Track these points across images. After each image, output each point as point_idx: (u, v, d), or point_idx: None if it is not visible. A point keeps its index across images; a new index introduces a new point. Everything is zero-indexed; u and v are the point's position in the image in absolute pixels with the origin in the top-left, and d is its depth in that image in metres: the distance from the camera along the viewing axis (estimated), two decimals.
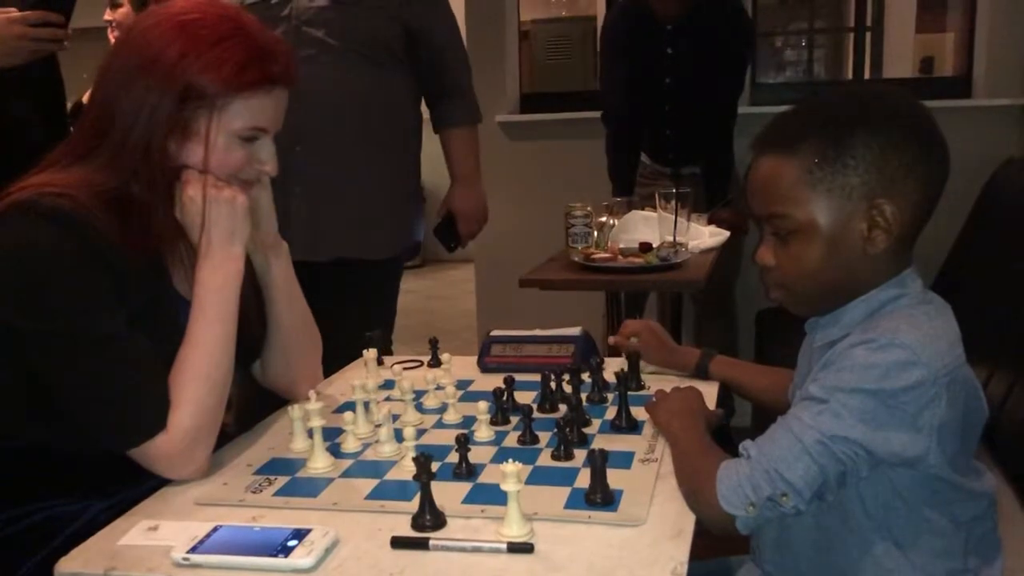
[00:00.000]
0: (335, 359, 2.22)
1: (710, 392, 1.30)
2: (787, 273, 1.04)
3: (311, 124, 2.06)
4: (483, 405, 1.19)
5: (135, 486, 1.11)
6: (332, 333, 2.21)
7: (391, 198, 2.21)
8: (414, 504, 0.96)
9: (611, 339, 1.48)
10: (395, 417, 1.21)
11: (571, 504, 0.98)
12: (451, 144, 2.31)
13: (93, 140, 1.17)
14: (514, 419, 1.23)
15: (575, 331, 1.49)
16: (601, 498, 0.97)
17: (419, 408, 1.30)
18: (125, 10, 3.26)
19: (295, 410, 1.17)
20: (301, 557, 0.88)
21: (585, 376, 1.34)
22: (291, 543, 0.90)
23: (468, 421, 1.24)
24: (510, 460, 0.90)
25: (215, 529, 0.94)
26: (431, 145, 2.33)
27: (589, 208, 2.43)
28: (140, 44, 1.17)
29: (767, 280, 1.07)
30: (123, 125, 1.15)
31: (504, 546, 0.89)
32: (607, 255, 2.27)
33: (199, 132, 1.16)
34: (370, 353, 1.45)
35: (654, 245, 2.26)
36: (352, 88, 2.08)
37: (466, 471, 1.06)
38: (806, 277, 1.03)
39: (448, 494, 1.00)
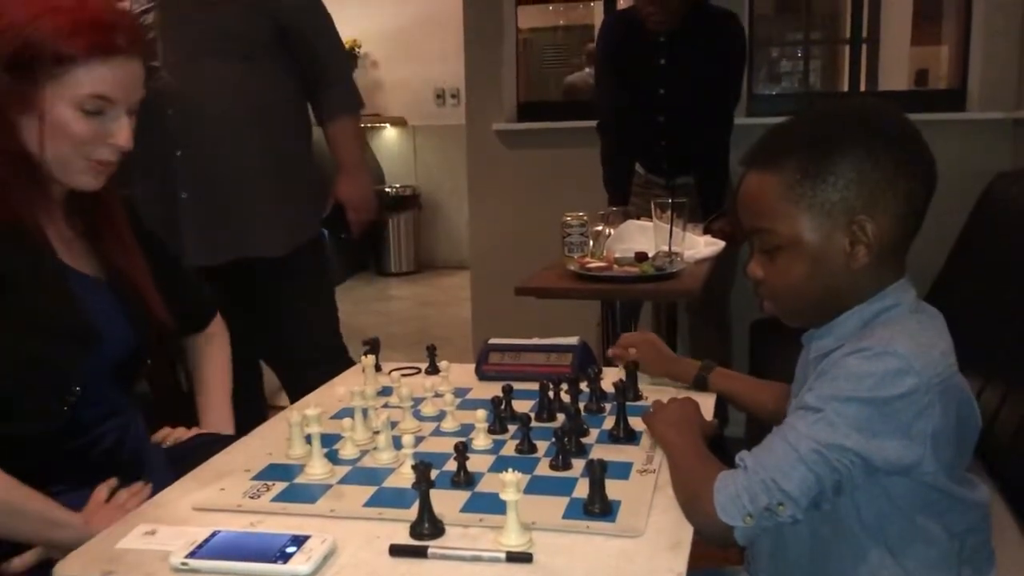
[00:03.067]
0: (284, 361, 2.20)
1: (707, 403, 1.31)
2: (775, 286, 1.06)
3: (190, 126, 2.05)
4: (481, 413, 1.19)
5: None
6: (265, 336, 2.20)
7: (281, 193, 2.19)
8: (412, 512, 0.96)
9: (610, 351, 1.49)
10: (393, 424, 1.21)
11: (569, 514, 0.98)
12: (332, 134, 2.29)
13: None
14: (512, 428, 1.23)
15: (573, 340, 1.49)
16: (599, 508, 0.97)
17: (417, 415, 1.30)
18: None
19: (293, 416, 1.17)
20: (299, 564, 0.88)
21: (583, 386, 1.34)
22: (289, 549, 0.90)
23: (466, 429, 1.24)
24: (510, 469, 0.91)
25: (213, 534, 0.94)
26: (430, 153, 2.33)
27: (585, 217, 2.44)
28: None
29: (759, 293, 1.10)
30: None
31: (503, 555, 0.89)
32: (603, 264, 2.27)
33: (38, 102, 1.15)
34: (368, 360, 1.45)
35: (650, 255, 2.27)
36: (228, 87, 2.08)
37: (464, 479, 1.06)
38: (792, 290, 1.05)
39: (446, 502, 1.00)
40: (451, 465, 1.09)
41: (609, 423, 1.24)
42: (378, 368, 1.49)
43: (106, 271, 1.28)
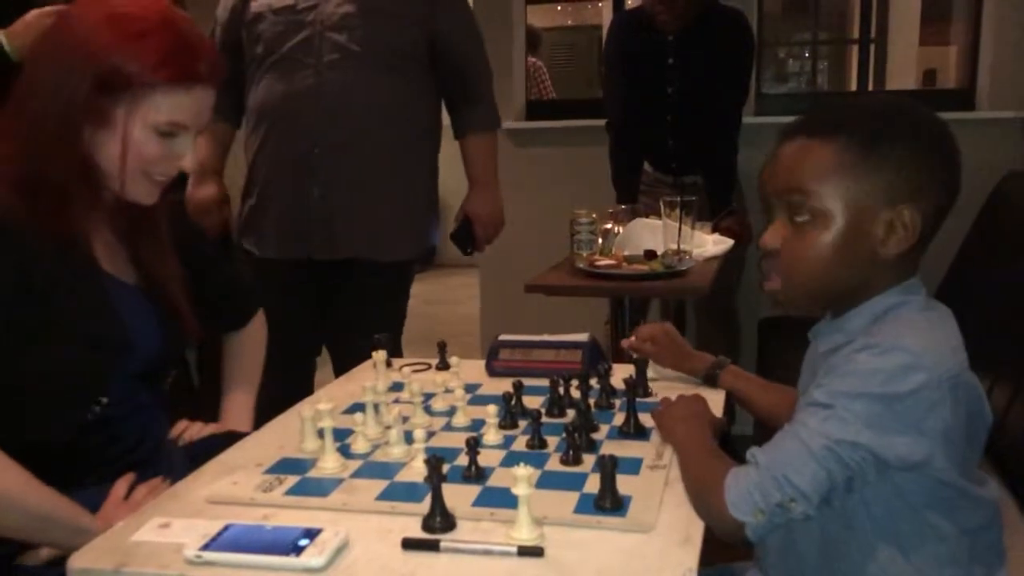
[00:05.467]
0: (349, 358, 2.25)
1: (717, 400, 1.31)
2: (792, 261, 1.03)
3: (331, 127, 2.09)
4: (492, 408, 1.19)
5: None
6: (345, 332, 2.25)
7: (406, 201, 2.23)
8: (423, 506, 0.97)
9: (624, 342, 1.49)
10: (405, 419, 1.21)
11: (580, 509, 0.98)
12: (469, 149, 2.33)
13: (11, 121, 1.18)
14: (522, 423, 1.24)
15: (583, 337, 1.49)
16: (610, 504, 0.98)
17: (428, 411, 1.31)
18: None
19: (306, 410, 1.18)
20: (313, 556, 0.88)
21: (593, 382, 1.34)
22: (302, 542, 0.90)
23: (477, 424, 1.25)
24: (521, 464, 0.91)
25: (226, 527, 0.95)
26: (443, 149, 2.35)
27: (594, 215, 2.44)
28: (69, 31, 1.19)
29: (767, 267, 1.06)
30: (40, 107, 1.16)
31: (514, 549, 0.89)
32: (612, 262, 2.28)
33: (116, 122, 1.17)
34: (379, 355, 1.46)
35: (658, 252, 2.28)
36: (372, 93, 2.12)
37: (475, 474, 1.07)
38: (812, 268, 1.02)
39: (458, 496, 1.00)
40: (462, 460, 1.09)
41: (619, 419, 1.25)
42: (389, 364, 1.50)
43: (142, 278, 1.30)
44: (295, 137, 2.12)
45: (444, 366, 1.53)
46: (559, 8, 6.98)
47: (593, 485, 1.01)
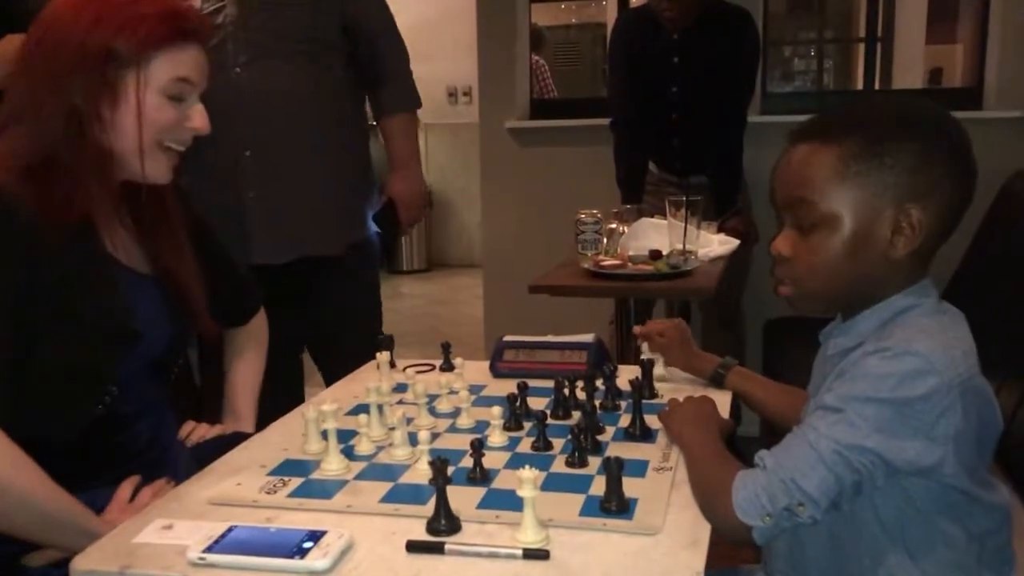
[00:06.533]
0: (329, 359, 2.23)
1: (723, 402, 1.30)
2: (802, 266, 1.03)
3: (257, 126, 2.08)
4: (496, 410, 1.19)
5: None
6: (321, 335, 2.24)
7: (341, 193, 2.22)
8: (428, 508, 0.96)
9: (636, 328, 1.48)
10: (409, 420, 1.21)
11: (586, 511, 0.98)
12: (388, 130, 2.32)
13: (10, 120, 1.18)
14: (527, 425, 1.23)
15: (588, 338, 1.49)
16: (616, 506, 0.97)
17: (432, 412, 1.30)
18: None
19: (309, 411, 1.17)
20: (317, 559, 0.88)
21: (599, 383, 1.34)
22: (306, 545, 0.90)
23: (481, 426, 1.24)
24: (527, 466, 0.90)
25: (230, 529, 0.94)
26: (443, 152, 2.33)
27: (599, 215, 2.43)
28: (54, 18, 1.19)
29: (778, 273, 1.06)
30: (43, 97, 1.16)
31: (520, 552, 0.89)
32: (617, 262, 2.27)
33: (127, 95, 1.18)
34: (383, 356, 1.45)
35: (664, 253, 2.27)
36: (292, 87, 2.10)
37: (480, 476, 1.06)
38: (820, 272, 1.02)
39: (462, 499, 1.00)
40: (467, 462, 1.09)
41: (625, 421, 1.24)
42: (393, 365, 1.49)
43: (155, 267, 1.30)
44: (226, 142, 2.06)
45: (448, 367, 1.52)
46: (563, 6, 6.96)
47: (599, 487, 1.01)
